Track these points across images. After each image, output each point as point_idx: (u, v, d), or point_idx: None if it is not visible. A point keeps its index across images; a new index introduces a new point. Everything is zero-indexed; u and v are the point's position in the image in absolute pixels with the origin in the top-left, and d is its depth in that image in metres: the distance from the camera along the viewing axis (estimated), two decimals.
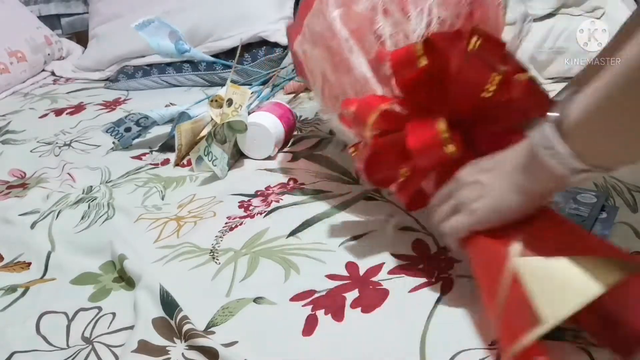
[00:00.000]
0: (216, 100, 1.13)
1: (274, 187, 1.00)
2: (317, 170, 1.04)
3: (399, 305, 0.69)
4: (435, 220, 0.69)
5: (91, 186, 1.07)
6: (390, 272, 0.75)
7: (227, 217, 0.92)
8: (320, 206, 0.91)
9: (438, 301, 0.68)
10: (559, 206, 0.79)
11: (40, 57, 1.87)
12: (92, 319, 0.74)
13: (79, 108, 1.56)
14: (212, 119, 1.10)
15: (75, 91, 1.72)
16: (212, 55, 1.66)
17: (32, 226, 0.96)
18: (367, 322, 0.67)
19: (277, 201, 0.94)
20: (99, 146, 1.28)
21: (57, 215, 0.98)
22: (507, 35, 0.75)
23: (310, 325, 0.67)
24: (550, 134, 0.52)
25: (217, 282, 0.77)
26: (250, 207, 0.94)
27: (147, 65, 1.71)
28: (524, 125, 0.60)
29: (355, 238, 0.82)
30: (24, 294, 0.81)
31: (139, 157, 1.21)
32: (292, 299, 0.72)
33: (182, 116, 1.20)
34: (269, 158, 1.11)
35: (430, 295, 0.70)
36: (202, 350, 0.65)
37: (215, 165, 1.08)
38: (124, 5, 1.84)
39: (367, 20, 0.76)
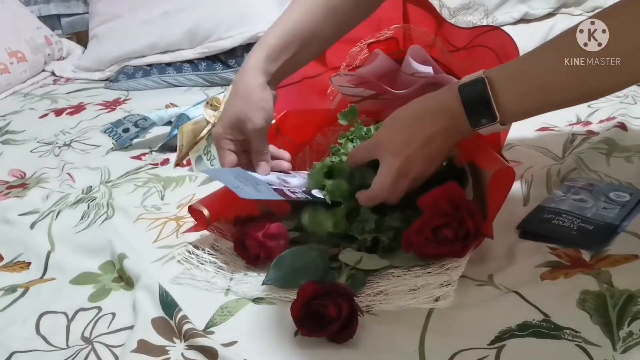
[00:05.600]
0: (212, 104, 1.13)
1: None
2: None
3: (398, 306, 0.69)
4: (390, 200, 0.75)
5: (91, 186, 1.07)
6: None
7: None
8: None
9: (437, 301, 0.68)
10: (588, 205, 0.80)
11: (40, 57, 1.87)
12: (92, 319, 0.74)
13: (79, 108, 1.56)
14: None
15: (75, 91, 1.72)
16: (212, 56, 1.67)
17: (32, 226, 0.96)
18: (366, 322, 0.67)
19: None
20: (98, 146, 1.28)
21: (57, 215, 0.98)
22: None
23: None
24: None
25: (216, 282, 0.77)
26: None
27: (147, 65, 1.71)
28: None
29: None
30: (23, 294, 0.81)
31: (138, 157, 1.21)
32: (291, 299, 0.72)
33: (181, 117, 1.20)
34: None
35: (429, 295, 0.70)
36: (202, 350, 0.65)
37: (212, 165, 1.08)
38: (124, 5, 1.84)
39: None
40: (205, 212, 0.81)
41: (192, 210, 0.82)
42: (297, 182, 0.81)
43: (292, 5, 0.85)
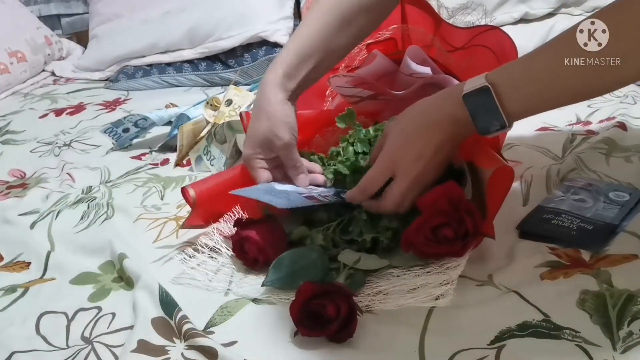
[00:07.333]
0: (212, 104, 1.13)
1: None
2: None
3: (397, 305, 0.69)
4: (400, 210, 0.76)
5: (90, 186, 1.07)
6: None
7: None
8: None
9: (436, 299, 0.68)
10: (587, 205, 0.80)
11: (40, 57, 1.87)
12: (92, 319, 0.74)
13: (79, 108, 1.56)
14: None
15: (75, 91, 1.72)
16: (212, 56, 1.67)
17: (32, 226, 0.96)
18: (365, 322, 0.67)
19: None
20: (98, 146, 1.28)
21: (57, 215, 0.98)
22: None
23: None
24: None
25: (216, 283, 0.77)
26: None
27: (147, 65, 1.71)
28: None
29: None
30: (23, 294, 0.81)
31: (138, 157, 1.21)
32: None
33: (181, 117, 1.20)
34: None
35: (429, 294, 0.70)
36: (202, 350, 0.65)
37: (212, 165, 1.08)
38: (124, 5, 1.84)
39: None
40: (192, 191, 0.83)
41: (185, 195, 0.85)
42: (323, 187, 0.83)
43: (306, 21, 0.84)
